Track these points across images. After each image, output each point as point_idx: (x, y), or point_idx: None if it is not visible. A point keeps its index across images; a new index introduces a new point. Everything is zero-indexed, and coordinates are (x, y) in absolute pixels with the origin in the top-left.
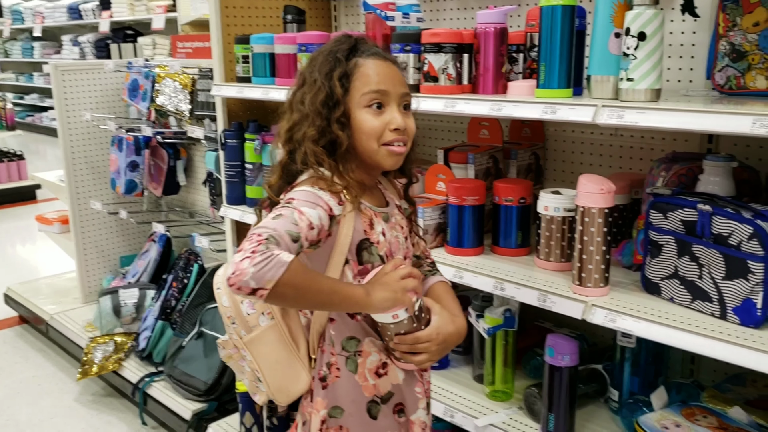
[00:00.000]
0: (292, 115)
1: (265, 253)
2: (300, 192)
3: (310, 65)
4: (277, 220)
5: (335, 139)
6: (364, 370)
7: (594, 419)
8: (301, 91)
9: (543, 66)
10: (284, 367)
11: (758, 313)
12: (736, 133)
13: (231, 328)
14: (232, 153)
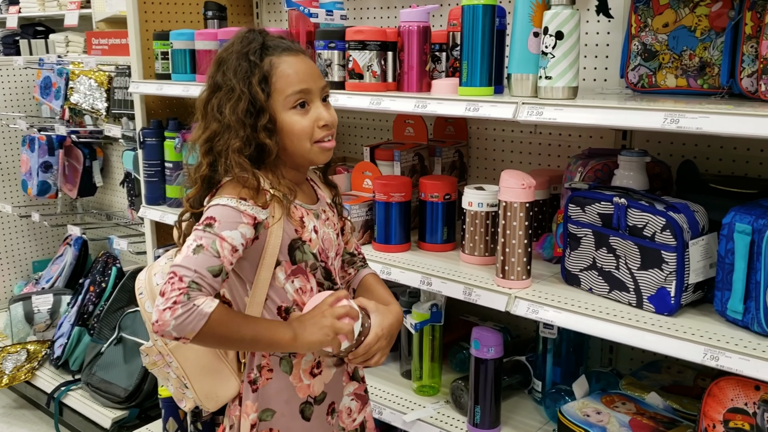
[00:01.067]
0: (208, 123)
1: (186, 305)
2: (220, 209)
3: (220, 69)
4: (198, 256)
5: (263, 146)
6: (299, 371)
7: (518, 410)
8: (217, 99)
9: (465, 64)
10: (212, 372)
11: (672, 301)
12: (648, 128)
13: (155, 335)
14: (152, 152)
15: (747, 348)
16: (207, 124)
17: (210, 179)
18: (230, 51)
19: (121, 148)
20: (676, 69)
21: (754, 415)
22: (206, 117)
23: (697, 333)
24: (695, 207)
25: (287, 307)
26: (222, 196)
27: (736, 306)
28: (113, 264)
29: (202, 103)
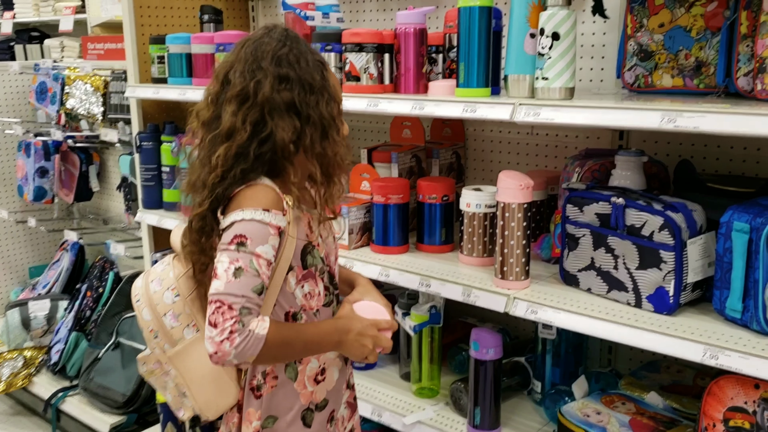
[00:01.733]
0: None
1: (243, 332)
2: (249, 225)
3: (290, 63)
4: (240, 279)
5: (335, 150)
6: (304, 378)
7: (518, 411)
8: (297, 94)
9: (462, 66)
10: (212, 381)
11: (670, 300)
12: (645, 128)
13: (153, 342)
14: (148, 156)
15: (746, 346)
16: (279, 118)
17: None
18: (301, 51)
19: (117, 153)
20: (672, 69)
21: (754, 413)
22: (273, 111)
23: (697, 332)
24: (693, 206)
25: (295, 312)
26: (244, 209)
27: (735, 304)
28: (110, 269)
29: (265, 94)
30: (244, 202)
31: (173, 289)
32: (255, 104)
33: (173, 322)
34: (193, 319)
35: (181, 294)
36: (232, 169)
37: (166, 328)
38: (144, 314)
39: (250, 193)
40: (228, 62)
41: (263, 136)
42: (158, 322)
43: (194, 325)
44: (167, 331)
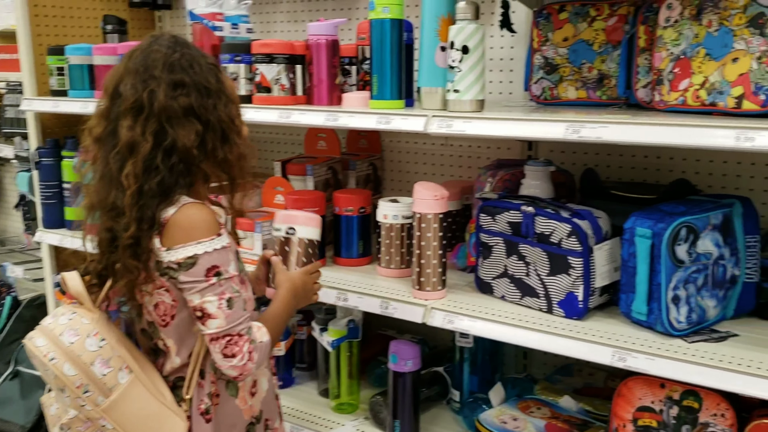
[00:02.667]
0: (183, 125)
1: (256, 348)
2: (217, 255)
3: (183, 69)
4: (234, 308)
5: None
6: (243, 393)
7: (438, 421)
8: (189, 98)
9: (375, 78)
10: (155, 418)
11: (580, 305)
12: (551, 138)
13: (82, 399)
14: (48, 172)
15: (652, 348)
16: (179, 125)
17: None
18: (193, 56)
19: (14, 170)
20: (576, 81)
21: (661, 412)
22: (171, 118)
23: (605, 335)
24: (598, 213)
25: None
26: (201, 241)
27: (640, 307)
28: (7, 293)
29: (161, 102)
30: (196, 232)
31: (96, 335)
32: (152, 114)
33: (104, 369)
34: (125, 362)
35: (106, 338)
36: (145, 185)
37: (96, 378)
38: (66, 370)
39: (195, 221)
40: (116, 75)
41: (166, 146)
42: (87, 373)
43: (126, 368)
44: (99, 381)
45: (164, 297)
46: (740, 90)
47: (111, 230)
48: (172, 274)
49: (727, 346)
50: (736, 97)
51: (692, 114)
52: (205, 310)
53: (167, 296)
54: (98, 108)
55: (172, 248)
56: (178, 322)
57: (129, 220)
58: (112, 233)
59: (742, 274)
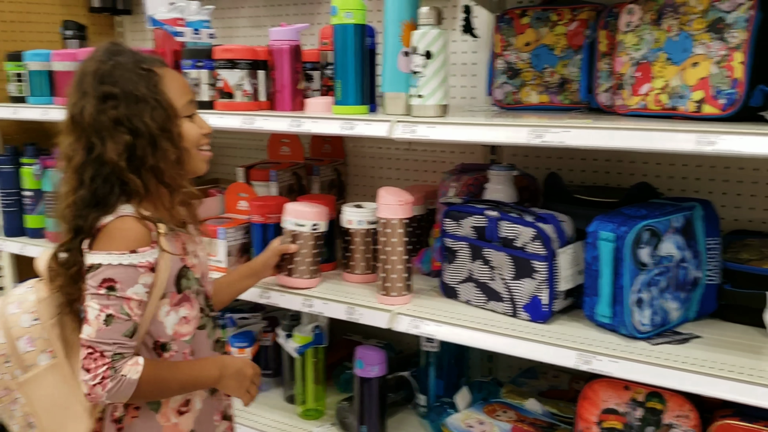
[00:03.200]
0: (112, 137)
1: (114, 378)
2: (116, 270)
3: (108, 79)
4: (111, 326)
5: (169, 159)
6: (167, 409)
7: (404, 426)
8: (116, 109)
9: (338, 83)
10: (62, 410)
11: (544, 308)
12: (515, 143)
13: (3, 367)
14: (8, 180)
15: (616, 350)
16: (109, 137)
17: (83, 213)
18: (119, 63)
19: None
20: (538, 86)
21: (626, 414)
22: (102, 131)
23: (570, 338)
24: (562, 217)
25: (164, 342)
26: (111, 252)
27: (604, 310)
28: None
29: (90, 116)
30: (111, 243)
31: (33, 313)
32: (84, 129)
33: (28, 346)
34: (51, 346)
35: (40, 318)
36: (77, 195)
37: (18, 353)
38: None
39: (117, 231)
40: (68, 92)
41: (94, 158)
42: (11, 345)
43: (50, 351)
44: (20, 356)
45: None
46: (701, 94)
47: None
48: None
49: (689, 348)
50: (697, 101)
51: (653, 118)
52: (86, 314)
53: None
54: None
55: (90, 252)
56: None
57: (65, 230)
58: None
59: (704, 276)
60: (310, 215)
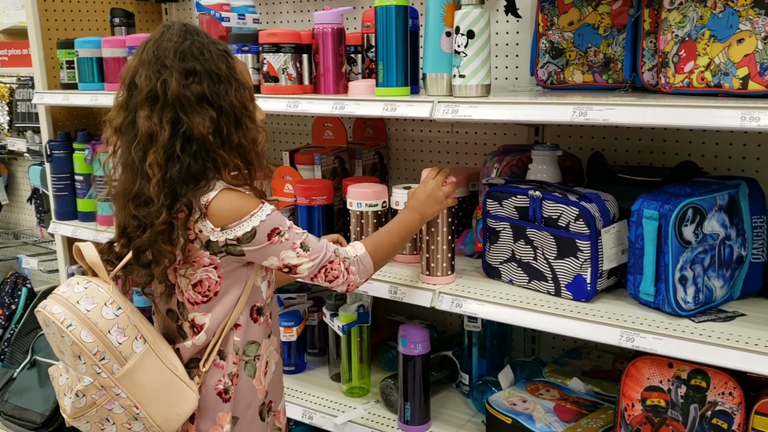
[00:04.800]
0: (198, 113)
1: (353, 262)
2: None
3: (194, 56)
4: (310, 247)
5: (249, 137)
6: (260, 374)
7: (448, 404)
8: (201, 86)
9: (381, 65)
10: (169, 390)
11: (588, 287)
12: (558, 121)
13: (98, 366)
14: (60, 165)
15: (659, 328)
16: (195, 113)
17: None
18: (203, 43)
19: (27, 164)
20: (582, 65)
21: (669, 391)
22: (186, 107)
23: (613, 316)
24: (606, 196)
25: (260, 306)
26: (252, 214)
27: (648, 288)
28: (23, 284)
29: (175, 91)
30: (244, 208)
31: (112, 303)
32: (167, 103)
33: (120, 337)
34: (139, 331)
35: (122, 307)
36: (168, 172)
37: (113, 346)
38: (84, 337)
39: (234, 201)
40: (132, 67)
41: (183, 133)
42: (103, 341)
43: (141, 337)
44: (115, 349)
45: (210, 274)
46: (745, 71)
47: (137, 218)
48: (232, 250)
49: (734, 326)
50: (742, 78)
51: (698, 96)
52: (289, 264)
53: (214, 273)
54: (117, 100)
55: (228, 227)
56: (220, 296)
57: (159, 207)
58: (138, 220)
59: (749, 254)
60: (376, 195)
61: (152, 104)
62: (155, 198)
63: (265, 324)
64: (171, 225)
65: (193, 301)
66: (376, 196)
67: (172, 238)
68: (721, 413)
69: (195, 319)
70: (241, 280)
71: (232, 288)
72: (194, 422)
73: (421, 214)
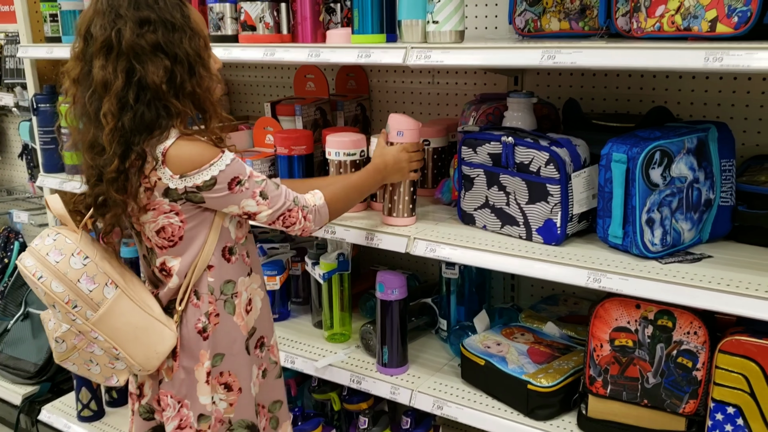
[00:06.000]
0: (151, 61)
1: (311, 210)
2: (229, 169)
3: (149, 5)
4: (270, 196)
5: (204, 85)
6: (240, 310)
7: (426, 349)
8: (155, 35)
9: (356, 12)
10: (146, 331)
11: (558, 231)
12: (527, 65)
13: (72, 314)
14: (46, 118)
15: (626, 269)
16: (149, 62)
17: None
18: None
19: (17, 120)
20: (559, 13)
21: (636, 332)
22: (141, 55)
23: (582, 259)
24: (577, 141)
25: (230, 246)
26: (212, 163)
27: (616, 231)
28: (15, 239)
29: (129, 40)
30: (204, 156)
31: (79, 253)
32: (121, 53)
33: (90, 285)
34: (109, 278)
35: (89, 256)
36: (121, 120)
37: (84, 294)
38: (54, 287)
39: (197, 147)
40: (87, 16)
41: (137, 82)
42: (73, 290)
43: (112, 283)
44: (86, 297)
45: (172, 220)
46: (714, 13)
47: (94, 167)
48: (192, 197)
49: (700, 267)
50: (710, 21)
51: (668, 40)
52: (249, 212)
53: (176, 218)
54: (73, 50)
55: (187, 174)
56: (186, 239)
57: (111, 156)
58: (96, 169)
59: (717, 197)
60: (354, 144)
61: (107, 54)
62: (108, 146)
63: (241, 262)
64: (125, 174)
65: (160, 245)
66: (354, 145)
67: (126, 186)
68: (686, 352)
69: (165, 262)
70: (206, 223)
71: (198, 231)
72: (177, 359)
73: (384, 178)
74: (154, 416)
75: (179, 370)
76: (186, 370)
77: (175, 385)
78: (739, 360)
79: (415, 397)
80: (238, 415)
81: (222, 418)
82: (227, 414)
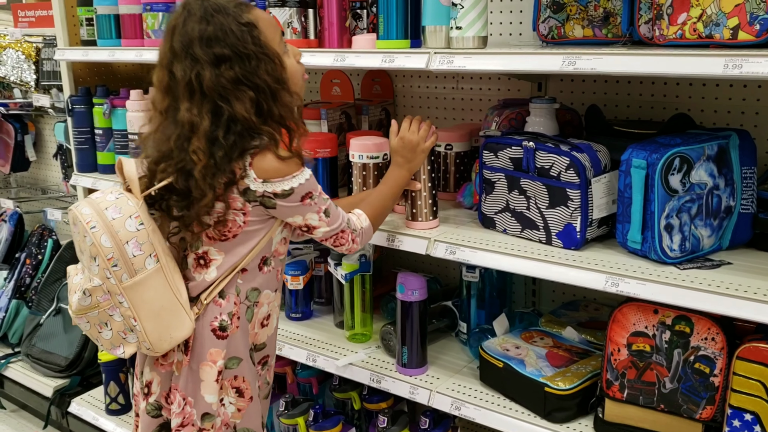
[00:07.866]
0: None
1: (358, 233)
2: (306, 184)
3: (221, 41)
4: (331, 215)
5: (287, 105)
6: (255, 320)
7: (446, 351)
8: (233, 70)
9: (381, 18)
10: (169, 312)
11: (578, 235)
12: (548, 71)
13: (109, 271)
14: (81, 119)
15: (644, 274)
16: (234, 98)
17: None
18: (213, 22)
19: (53, 121)
20: (582, 20)
21: (654, 336)
22: (225, 94)
23: (600, 263)
24: (597, 147)
25: (266, 257)
26: (294, 176)
27: (635, 236)
28: (49, 236)
29: (210, 81)
30: (285, 169)
31: (136, 218)
32: (204, 94)
33: (136, 250)
34: (154, 250)
35: (145, 224)
36: (212, 157)
37: (127, 257)
38: (103, 241)
39: (278, 159)
40: (165, 54)
41: (225, 120)
42: (119, 249)
43: (155, 256)
44: (129, 260)
45: (237, 218)
46: (735, 21)
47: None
48: (266, 202)
49: (719, 273)
50: (732, 28)
51: (690, 47)
52: (309, 225)
53: (241, 218)
54: (158, 81)
55: (269, 181)
56: (238, 239)
57: (204, 188)
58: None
59: (738, 204)
60: (377, 147)
61: (191, 96)
62: (200, 180)
63: (272, 276)
64: (213, 190)
65: (210, 236)
66: (377, 148)
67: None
68: (703, 358)
69: (209, 252)
70: (263, 230)
71: (253, 235)
72: (189, 354)
73: (409, 170)
74: (162, 413)
75: (187, 366)
76: (193, 366)
77: (182, 380)
78: (757, 367)
79: (434, 397)
80: (244, 422)
81: (228, 422)
82: (234, 419)
